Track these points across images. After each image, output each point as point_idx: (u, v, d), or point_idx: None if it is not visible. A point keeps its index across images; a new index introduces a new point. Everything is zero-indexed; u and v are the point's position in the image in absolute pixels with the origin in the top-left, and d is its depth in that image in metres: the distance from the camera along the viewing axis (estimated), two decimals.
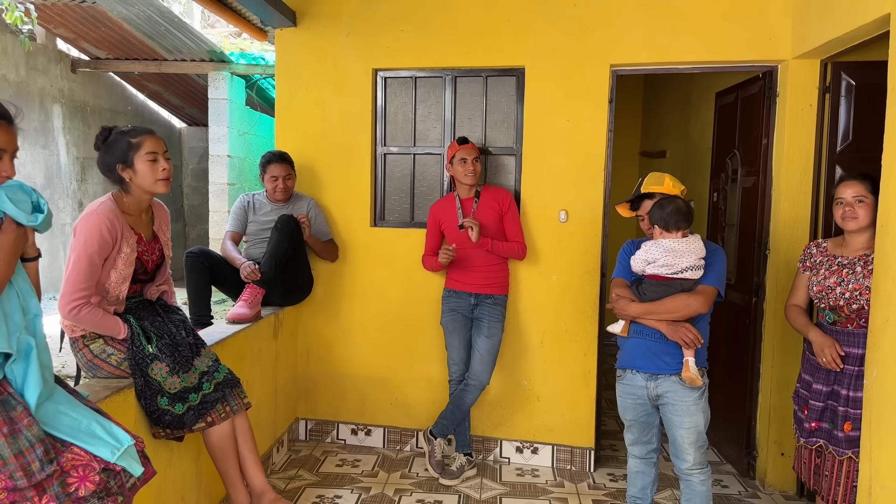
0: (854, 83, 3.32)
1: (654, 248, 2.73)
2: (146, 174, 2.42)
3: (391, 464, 3.90)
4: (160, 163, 2.44)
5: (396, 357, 4.07)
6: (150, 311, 2.54)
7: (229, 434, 2.60)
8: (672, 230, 2.71)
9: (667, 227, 2.71)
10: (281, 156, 3.85)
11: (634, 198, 2.92)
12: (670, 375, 2.72)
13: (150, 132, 2.48)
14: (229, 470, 2.63)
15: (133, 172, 2.42)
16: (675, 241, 2.69)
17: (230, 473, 2.64)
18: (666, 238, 2.72)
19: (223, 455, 2.61)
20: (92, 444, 1.77)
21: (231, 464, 2.63)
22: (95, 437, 1.78)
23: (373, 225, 4.08)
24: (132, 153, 2.41)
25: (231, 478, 2.65)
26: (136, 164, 2.41)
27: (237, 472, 2.65)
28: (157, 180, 2.44)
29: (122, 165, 2.41)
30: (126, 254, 2.38)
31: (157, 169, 2.43)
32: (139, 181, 2.43)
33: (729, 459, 3.98)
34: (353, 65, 3.98)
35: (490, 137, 3.96)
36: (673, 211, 2.69)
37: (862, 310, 2.62)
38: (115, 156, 2.42)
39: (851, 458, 2.64)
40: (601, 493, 3.59)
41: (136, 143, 2.42)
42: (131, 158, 2.41)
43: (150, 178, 2.43)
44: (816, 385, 2.76)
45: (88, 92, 8.59)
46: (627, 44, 3.65)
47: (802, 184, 3.49)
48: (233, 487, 2.66)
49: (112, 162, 2.42)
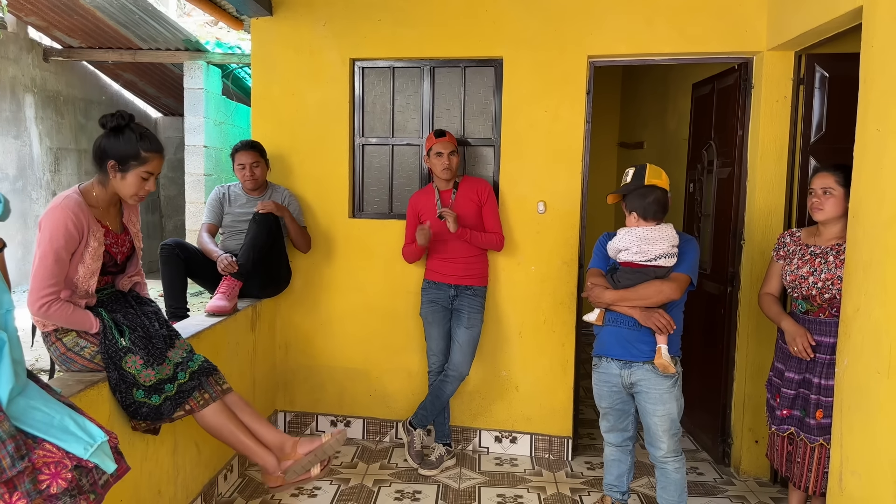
0: (828, 75, 3.36)
1: (627, 235, 2.78)
2: (131, 187, 2.37)
3: (370, 455, 3.91)
4: (149, 182, 2.39)
5: (376, 348, 4.07)
6: (123, 303, 2.51)
7: (223, 411, 2.53)
8: (650, 220, 2.76)
9: (645, 216, 2.76)
10: (247, 144, 3.80)
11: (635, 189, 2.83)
12: (644, 363, 2.77)
13: (161, 151, 2.41)
14: (242, 441, 2.56)
15: (121, 178, 2.35)
16: (648, 229, 2.75)
17: (245, 444, 2.57)
18: (640, 226, 2.77)
19: (228, 431, 2.54)
20: (64, 440, 1.74)
21: (241, 436, 2.56)
22: (68, 432, 1.76)
23: (351, 216, 4.07)
24: (134, 163, 2.34)
25: (248, 448, 2.57)
26: (129, 174, 2.34)
27: (251, 439, 2.58)
28: (136, 195, 2.39)
29: (115, 164, 2.34)
30: (94, 247, 2.33)
31: (143, 187, 2.38)
32: (120, 187, 2.37)
33: (704, 447, 4.04)
34: (330, 54, 3.95)
35: (468, 128, 3.95)
36: (654, 201, 2.75)
37: (834, 299, 2.66)
38: (117, 152, 2.33)
39: (823, 444, 2.69)
40: (579, 482, 3.62)
41: (143, 159, 2.35)
42: (130, 166, 2.34)
43: (132, 191, 2.38)
44: (789, 373, 2.80)
45: (61, 81, 8.43)
46: (605, 35, 3.65)
47: (777, 174, 3.52)
48: (255, 455, 2.58)
49: (109, 154, 2.33)
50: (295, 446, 2.62)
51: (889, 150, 2.07)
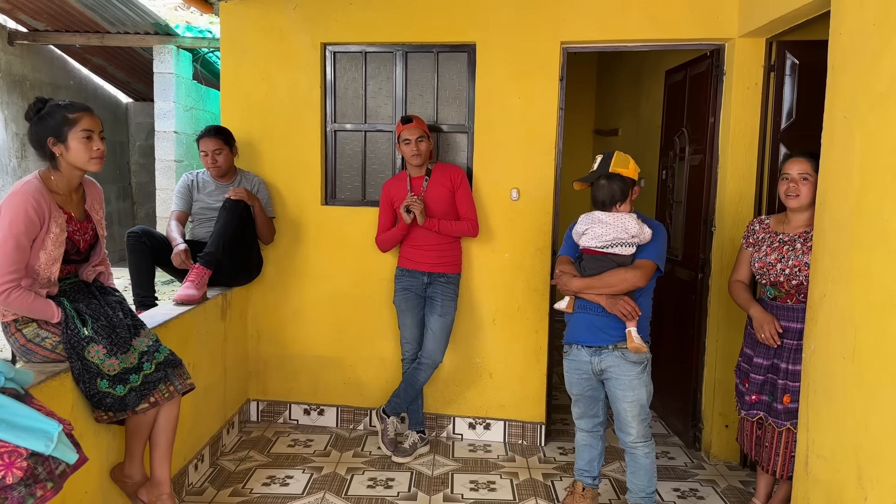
0: (798, 62, 3.37)
1: (585, 219, 2.84)
2: (80, 151, 2.33)
3: (344, 443, 3.89)
4: (95, 141, 2.36)
5: (349, 336, 4.04)
6: (86, 293, 2.46)
7: (149, 416, 2.49)
8: (598, 209, 2.82)
9: (594, 204, 2.84)
10: (211, 130, 3.73)
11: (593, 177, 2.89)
12: (613, 350, 2.79)
13: (88, 109, 2.39)
14: (135, 446, 2.51)
15: (65, 148, 2.33)
16: (604, 214, 2.79)
17: (135, 449, 2.51)
18: (597, 211, 2.82)
19: (135, 432, 2.49)
20: (23, 438, 1.70)
21: (138, 442, 2.51)
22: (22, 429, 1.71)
23: (324, 203, 4.02)
24: (67, 128, 2.32)
25: (132, 452, 2.51)
26: (69, 141, 2.32)
27: (141, 449, 2.53)
28: (91, 158, 2.36)
29: (53, 139, 2.32)
30: (55, 234, 2.29)
31: (91, 147, 2.35)
32: (71, 158, 2.34)
33: (676, 431, 4.08)
34: (301, 38, 3.88)
35: (442, 114, 3.92)
36: (601, 189, 2.80)
37: (801, 285, 2.69)
38: (49, 129, 2.32)
39: (790, 429, 2.73)
40: (551, 467, 3.64)
41: (73, 119, 2.33)
42: (65, 134, 2.32)
43: (84, 155, 2.34)
44: (757, 359, 2.83)
45: (27, 65, 8.21)
46: (578, 21, 3.64)
47: (747, 161, 3.54)
48: (131, 460, 2.52)
49: (44, 134, 2.33)
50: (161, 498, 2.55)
51: (856, 138, 2.08)
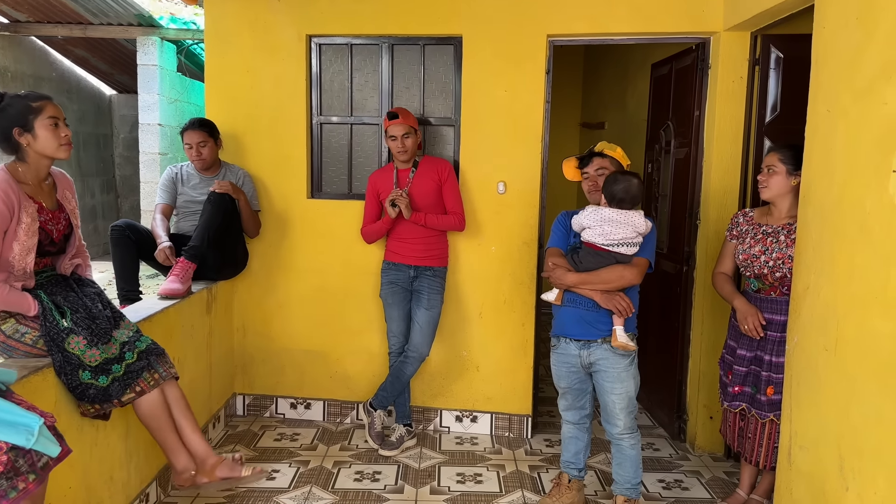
0: (782, 56, 3.39)
1: (593, 214, 2.79)
2: (48, 139, 2.33)
3: (331, 437, 3.89)
4: (61, 128, 2.37)
5: (336, 330, 4.03)
6: (63, 285, 2.44)
7: (160, 402, 2.52)
8: (614, 206, 2.77)
9: (610, 202, 2.77)
10: (195, 122, 3.70)
11: (586, 155, 2.97)
12: (602, 343, 2.79)
13: (49, 98, 2.39)
14: (166, 437, 2.55)
15: (33, 137, 2.32)
16: (615, 212, 2.75)
17: (168, 440, 2.56)
18: (607, 208, 2.77)
19: (157, 423, 2.53)
20: (4, 433, 1.69)
21: (167, 431, 2.55)
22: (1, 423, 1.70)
23: (310, 196, 4.00)
24: (32, 117, 2.32)
25: (169, 444, 2.57)
26: (36, 129, 2.32)
27: (175, 438, 2.57)
28: (61, 145, 2.36)
29: (19, 129, 2.31)
30: (27, 223, 2.28)
31: (58, 134, 2.35)
32: (39, 146, 2.33)
33: (661, 423, 4.11)
34: (286, 30, 3.85)
35: (428, 107, 3.91)
36: (624, 189, 2.73)
37: (785, 278, 2.71)
38: (13, 119, 2.31)
39: (773, 420, 2.75)
40: (537, 459, 3.65)
41: (38, 108, 2.33)
42: (31, 122, 2.32)
43: (53, 142, 2.34)
44: (741, 350, 2.86)
45: (9, 57, 8.10)
46: (564, 14, 3.63)
47: (732, 155, 3.56)
48: (172, 453, 2.58)
49: (9, 125, 2.31)
50: (215, 467, 2.62)
51: (839, 132, 2.10)
